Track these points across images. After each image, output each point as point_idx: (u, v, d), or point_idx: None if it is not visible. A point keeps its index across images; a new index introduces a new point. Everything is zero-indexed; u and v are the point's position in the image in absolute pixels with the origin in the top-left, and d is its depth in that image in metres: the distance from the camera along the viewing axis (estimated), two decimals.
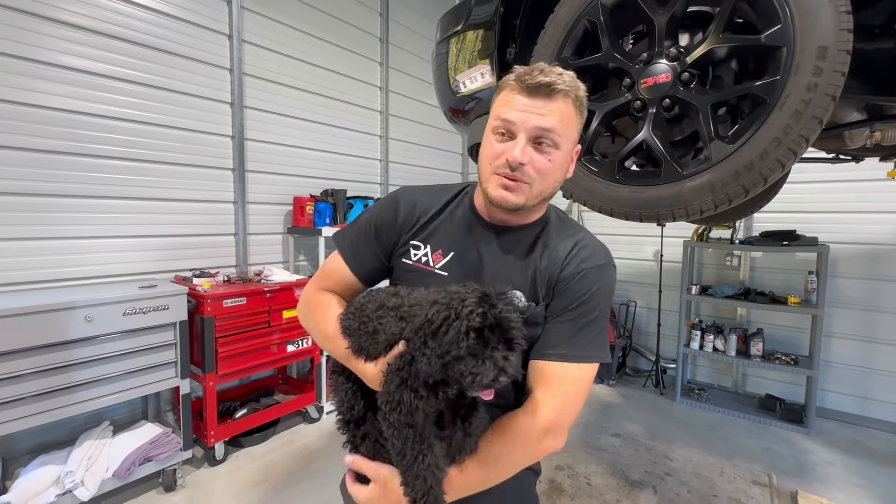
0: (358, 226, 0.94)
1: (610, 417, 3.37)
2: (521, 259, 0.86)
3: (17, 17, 2.17)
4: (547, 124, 0.76)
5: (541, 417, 0.75)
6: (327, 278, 0.95)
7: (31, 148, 2.23)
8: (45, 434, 2.27)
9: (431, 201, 0.93)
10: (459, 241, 0.89)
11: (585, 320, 0.81)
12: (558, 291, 0.83)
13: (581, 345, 0.79)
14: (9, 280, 2.17)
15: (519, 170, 0.77)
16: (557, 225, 0.91)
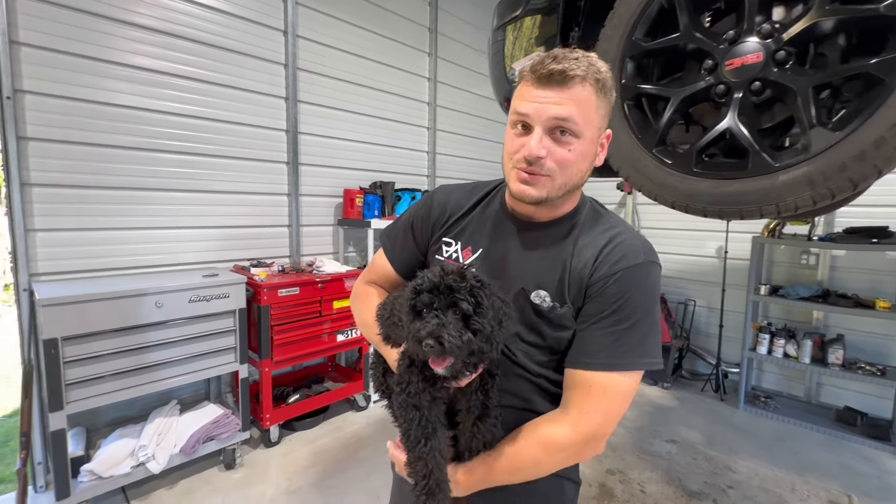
0: (398, 223, 0.99)
1: (665, 422, 3.20)
2: (549, 256, 0.82)
3: (93, 20, 2.31)
4: (563, 113, 0.72)
5: (584, 429, 0.73)
6: (373, 272, 1.01)
7: (109, 144, 2.40)
8: (123, 409, 2.47)
9: (464, 199, 0.93)
10: (488, 237, 0.87)
11: (625, 326, 0.75)
12: (591, 295, 0.77)
13: (623, 352, 0.74)
14: (88, 267, 2.35)
15: (537, 163, 0.74)
16: (592, 218, 0.85)
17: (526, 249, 0.84)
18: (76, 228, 2.31)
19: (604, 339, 0.75)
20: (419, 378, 0.71)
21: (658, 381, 3.81)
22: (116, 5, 2.38)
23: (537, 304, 0.79)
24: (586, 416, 0.73)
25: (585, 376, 0.75)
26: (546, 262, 0.81)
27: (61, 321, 1.86)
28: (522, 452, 0.75)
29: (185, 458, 2.26)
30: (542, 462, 0.75)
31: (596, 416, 0.73)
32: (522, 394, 0.82)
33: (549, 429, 0.75)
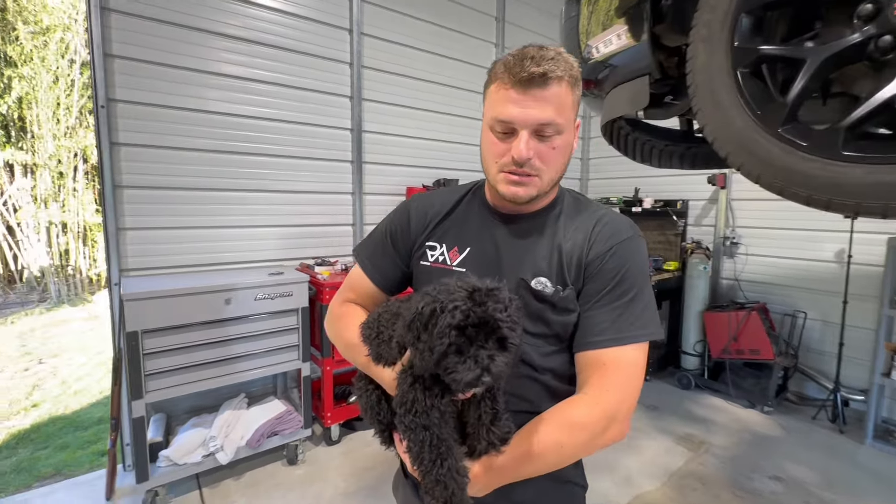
0: (374, 237, 0.96)
1: (766, 454, 2.74)
2: (541, 243, 0.83)
3: (178, 31, 2.46)
4: (546, 117, 0.74)
5: (604, 405, 0.72)
6: (350, 290, 0.96)
7: (190, 147, 2.54)
8: (199, 399, 2.61)
9: (442, 202, 0.93)
10: (474, 235, 0.87)
11: (627, 298, 0.77)
12: (590, 274, 0.79)
13: (629, 324, 0.76)
14: (170, 263, 2.51)
15: (526, 164, 0.76)
16: (574, 205, 0.88)
17: (516, 240, 0.84)
18: (160, 227, 2.47)
19: (609, 316, 0.76)
20: (425, 395, 0.65)
21: (756, 404, 3.31)
22: (201, 15, 2.51)
23: (539, 291, 0.79)
24: (605, 392, 0.73)
25: (597, 355, 0.75)
26: (539, 249, 0.82)
27: (141, 315, 1.98)
28: (543, 436, 0.71)
29: (250, 451, 2.33)
30: (564, 445, 0.71)
31: (613, 391, 0.73)
32: (529, 396, 0.81)
33: (568, 410, 0.73)
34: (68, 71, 7.15)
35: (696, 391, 3.61)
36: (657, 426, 3.06)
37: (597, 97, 1.46)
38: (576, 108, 0.80)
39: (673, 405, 3.39)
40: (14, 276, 7.18)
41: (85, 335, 5.48)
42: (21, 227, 7.01)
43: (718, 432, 2.99)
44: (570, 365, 0.82)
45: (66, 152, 7.02)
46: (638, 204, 4.27)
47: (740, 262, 3.82)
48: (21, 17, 6.44)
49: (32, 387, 3.98)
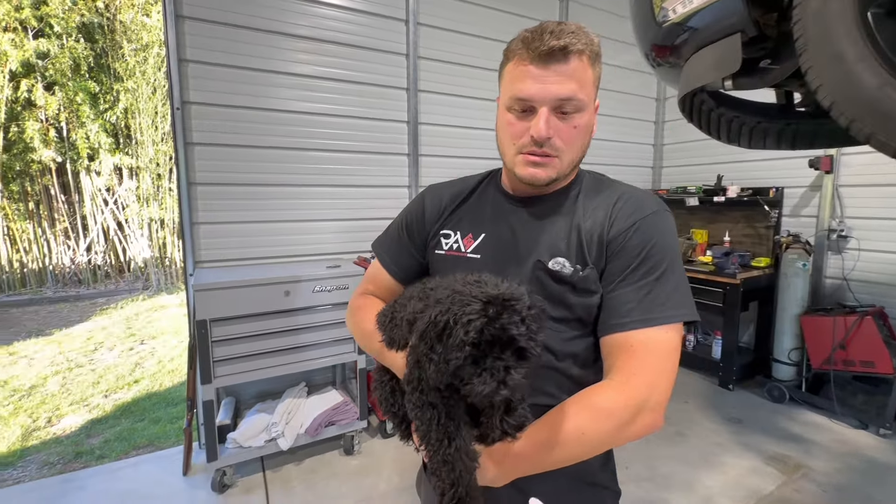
0: (390, 230, 0.97)
1: (882, 485, 2.32)
2: (559, 223, 0.79)
3: (268, 37, 2.59)
4: (567, 92, 0.70)
5: (631, 391, 0.65)
6: (370, 283, 0.96)
7: (257, 145, 2.65)
8: (265, 385, 2.74)
9: (457, 191, 0.91)
10: (489, 221, 0.85)
11: (655, 276, 0.70)
12: (613, 252, 0.73)
13: (659, 304, 0.69)
14: (239, 256, 2.65)
15: (546, 144, 0.72)
16: (594, 184, 0.83)
17: (533, 222, 0.81)
18: (229, 221, 2.61)
19: (635, 295, 0.70)
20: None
21: (869, 424, 2.82)
22: (266, 17, 2.60)
23: (557, 271, 0.74)
24: (632, 377, 0.66)
25: (625, 338, 0.69)
26: (556, 229, 0.78)
27: (210, 305, 2.09)
28: (564, 422, 0.65)
29: (309, 439, 2.39)
30: (587, 432, 0.65)
31: (643, 376, 0.66)
32: (548, 387, 0.75)
33: (592, 395, 0.68)
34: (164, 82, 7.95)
35: (791, 405, 3.17)
36: (741, 442, 2.72)
37: (673, 66, 1.27)
38: (596, 87, 0.76)
39: (761, 419, 2.99)
40: (123, 266, 8.16)
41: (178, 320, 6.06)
42: (128, 224, 7.94)
43: (819, 455, 2.58)
44: (593, 351, 0.77)
45: (162, 156, 7.81)
46: (721, 193, 3.83)
47: (850, 258, 3.27)
48: (125, 36, 7.23)
49: (135, 364, 4.46)
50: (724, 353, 3.50)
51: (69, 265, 7.66)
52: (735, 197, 3.74)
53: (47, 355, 4.63)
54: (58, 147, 7.04)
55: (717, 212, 4.07)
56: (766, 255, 3.63)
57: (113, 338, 5.22)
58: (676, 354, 0.69)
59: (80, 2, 6.83)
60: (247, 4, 2.52)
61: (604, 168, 4.19)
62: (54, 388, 3.87)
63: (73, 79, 6.89)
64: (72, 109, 6.99)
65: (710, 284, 3.44)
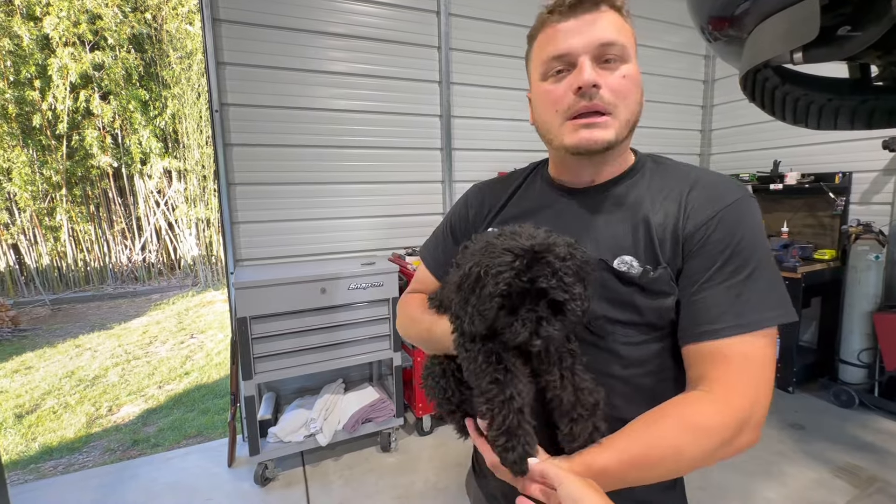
0: (435, 235, 0.93)
1: None
2: (621, 217, 0.70)
3: (301, 36, 2.62)
4: (608, 36, 0.63)
5: (735, 408, 0.58)
6: (416, 285, 0.92)
7: (291, 144, 2.68)
8: (305, 381, 2.79)
9: (502, 189, 0.86)
10: (539, 215, 0.76)
11: (745, 274, 0.62)
12: (692, 250, 0.64)
13: (753, 306, 0.60)
14: (278, 254, 2.70)
15: (596, 96, 0.64)
16: (657, 169, 0.73)
17: (590, 216, 0.72)
18: (267, 220, 2.66)
19: (725, 297, 0.61)
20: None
21: None
22: (316, 18, 2.63)
23: (624, 272, 0.66)
24: (734, 392, 0.59)
25: (717, 346, 0.61)
26: (619, 224, 0.69)
27: (249, 302, 2.13)
28: (659, 438, 0.58)
29: (347, 436, 2.41)
30: (684, 451, 0.57)
31: (744, 391, 0.59)
32: (612, 398, 0.65)
33: (692, 409, 0.59)
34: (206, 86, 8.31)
35: (861, 410, 2.90)
36: (805, 450, 2.51)
37: (734, 40, 1.14)
38: (635, 44, 0.68)
39: (827, 426, 2.75)
40: (175, 264, 8.63)
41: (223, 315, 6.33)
42: (178, 224, 8.38)
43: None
44: (666, 358, 0.69)
45: (207, 158, 8.16)
46: (778, 180, 3.54)
47: None
48: (171, 45, 7.59)
49: (185, 357, 4.70)
50: (784, 353, 3.24)
51: (126, 263, 8.17)
52: (794, 184, 3.44)
53: (108, 348, 4.95)
54: (114, 152, 7.50)
55: (775, 200, 3.76)
56: (831, 246, 3.33)
57: (165, 332, 5.52)
58: (774, 362, 0.62)
59: (131, 15, 7.22)
60: (280, 5, 2.54)
61: None
62: (114, 378, 4.13)
63: (125, 88, 7.31)
64: (125, 117, 7.43)
65: None
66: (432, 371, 0.75)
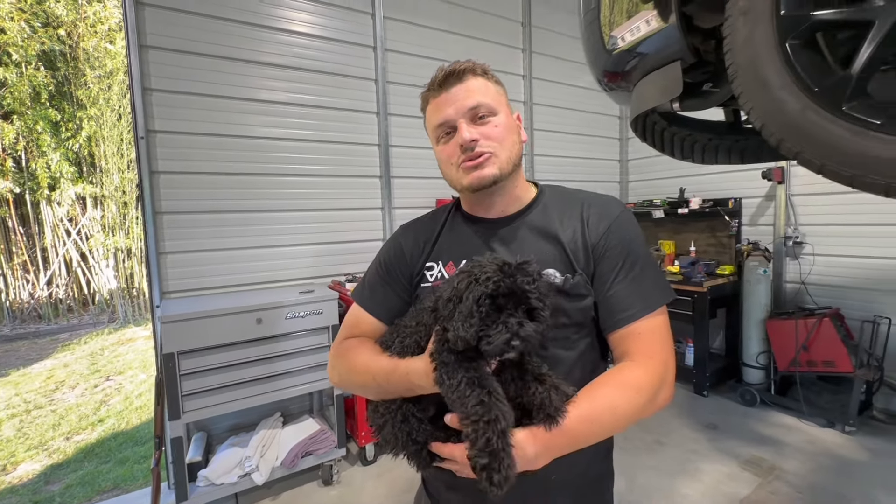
0: (368, 275, 0.97)
1: (850, 480, 2.40)
2: (538, 238, 0.85)
3: (235, 65, 2.61)
4: (473, 101, 0.81)
5: (655, 368, 0.75)
6: (350, 330, 0.93)
7: (223, 172, 2.63)
8: (238, 417, 2.64)
9: (429, 227, 0.96)
10: (467, 246, 0.89)
11: (639, 269, 0.81)
12: (599, 256, 0.82)
13: (650, 292, 0.80)
14: (208, 285, 2.59)
15: (475, 148, 0.81)
16: (555, 195, 0.91)
17: (512, 241, 0.86)
18: (198, 250, 2.56)
19: (630, 290, 0.79)
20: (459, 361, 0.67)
21: (835, 423, 2.93)
22: (252, 48, 2.63)
23: (553, 283, 0.80)
24: (651, 356, 0.76)
25: (633, 327, 0.78)
26: (538, 244, 0.84)
27: (177, 337, 2.03)
28: (599, 398, 0.71)
29: (286, 472, 2.31)
30: (618, 407, 0.71)
31: (659, 354, 0.76)
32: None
33: (623, 373, 0.75)
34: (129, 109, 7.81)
35: (762, 408, 3.26)
36: (718, 448, 2.78)
37: (624, 90, 1.34)
38: (502, 97, 0.86)
39: (735, 424, 3.07)
40: (87, 299, 7.81)
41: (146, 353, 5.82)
42: (92, 254, 7.64)
43: (791, 456, 2.66)
44: (589, 351, 0.84)
45: (129, 183, 7.60)
46: (684, 205, 3.99)
47: (806, 263, 3.44)
48: (88, 63, 7.10)
49: (100, 403, 4.24)
50: (697, 360, 3.59)
51: (28, 300, 7.28)
52: (697, 208, 3.90)
53: (2, 398, 4.35)
54: (15, 177, 6.77)
55: (682, 223, 4.23)
56: (730, 262, 3.78)
57: (76, 375, 4.95)
58: (670, 331, 0.80)
59: (41, 30, 6.69)
60: (211, 34, 2.53)
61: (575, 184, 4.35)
62: (9, 432, 3.63)
63: (32, 107, 6.69)
64: (31, 138, 6.77)
65: (679, 293, 3.55)
66: (391, 418, 0.76)
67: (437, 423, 0.74)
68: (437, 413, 0.75)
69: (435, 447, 0.73)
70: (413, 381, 0.73)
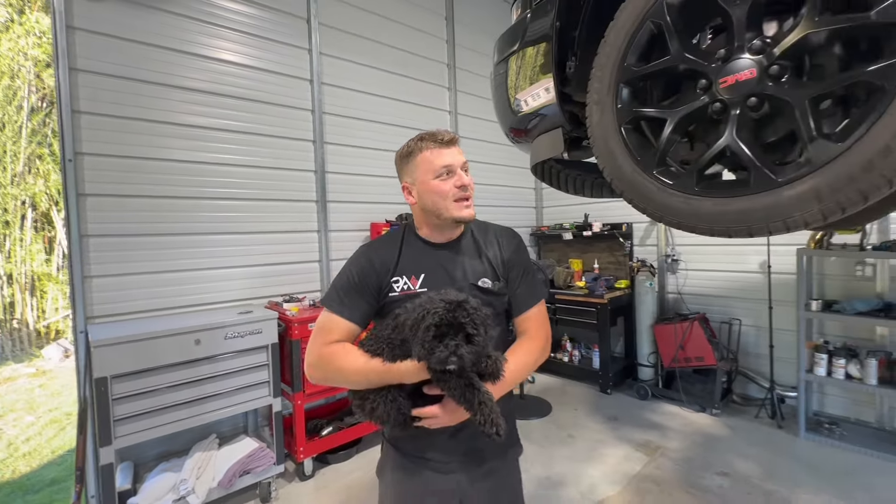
0: (340, 286, 1.17)
1: (715, 452, 2.97)
2: (472, 257, 1.23)
3: (155, 88, 2.62)
4: (464, 159, 1.19)
5: (542, 335, 1.23)
6: (328, 334, 1.12)
7: (156, 195, 2.63)
8: (168, 443, 2.58)
9: (391, 247, 1.22)
10: (424, 263, 1.19)
11: (531, 275, 1.26)
12: (510, 266, 1.23)
13: (538, 290, 1.27)
14: (139, 308, 2.54)
15: (467, 189, 1.16)
16: (476, 227, 1.29)
17: (454, 258, 1.21)
18: (129, 273, 2.52)
19: (528, 289, 1.24)
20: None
21: (706, 408, 3.57)
22: (174, 73, 2.67)
23: (487, 287, 1.19)
24: (540, 329, 1.23)
25: (531, 313, 1.23)
26: (473, 261, 1.22)
27: (110, 360, 2.01)
28: (516, 359, 1.13)
29: (223, 492, 2.33)
30: (527, 364, 1.17)
31: (544, 327, 1.24)
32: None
33: (525, 345, 1.20)
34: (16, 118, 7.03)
35: (653, 400, 3.85)
36: (618, 436, 3.25)
37: (526, 143, 1.71)
38: None
39: (632, 415, 3.60)
40: None
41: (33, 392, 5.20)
42: None
43: (672, 437, 3.21)
44: (502, 332, 1.23)
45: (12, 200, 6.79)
46: (588, 228, 4.62)
47: (681, 276, 4.18)
48: None
49: None
50: (602, 363, 4.14)
51: None
52: (599, 231, 4.54)
53: None
54: None
55: (588, 244, 4.86)
56: (626, 277, 4.44)
57: None
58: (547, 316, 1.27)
59: None
60: (145, 60, 2.57)
61: (498, 209, 4.90)
62: None
63: None
64: None
65: (586, 305, 4.09)
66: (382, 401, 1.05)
67: (413, 398, 1.07)
68: (412, 391, 1.07)
69: (416, 412, 1.06)
70: (405, 378, 1.03)
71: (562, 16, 1.38)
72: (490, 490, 1.21)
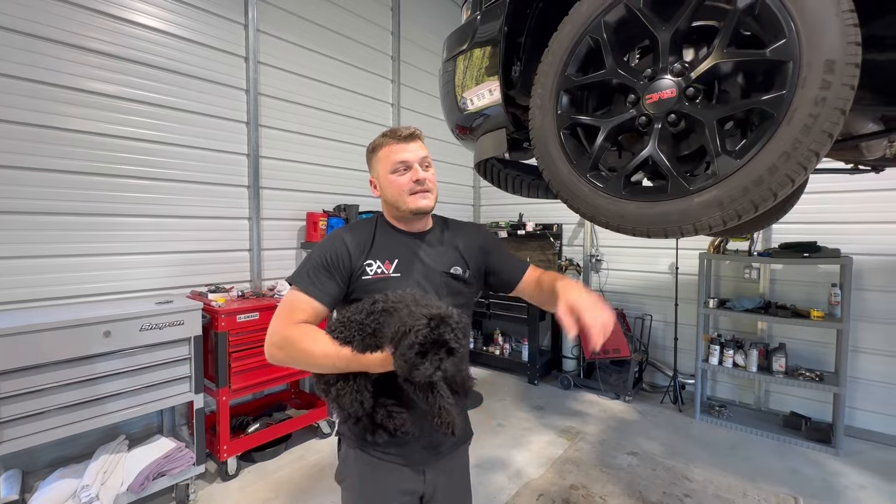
0: (311, 265, 1.15)
1: (626, 435, 3.28)
2: (443, 247, 1.27)
3: (50, 46, 2.29)
4: (423, 154, 1.23)
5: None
6: (294, 313, 1.09)
7: (56, 169, 2.33)
8: (64, 448, 2.31)
9: (365, 232, 1.24)
10: (397, 250, 1.21)
11: (508, 254, 1.38)
12: (487, 251, 1.32)
13: (517, 260, 1.37)
14: (29, 297, 2.25)
15: (424, 184, 1.19)
16: (442, 222, 1.36)
17: (428, 248, 1.26)
18: (24, 256, 2.21)
19: (514, 262, 1.35)
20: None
21: (620, 395, 3.91)
22: (74, 31, 2.36)
23: (458, 275, 1.24)
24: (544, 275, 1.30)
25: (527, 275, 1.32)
26: (446, 251, 1.27)
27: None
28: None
29: (133, 497, 2.13)
30: None
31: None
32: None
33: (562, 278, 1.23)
34: None
35: (575, 390, 4.14)
36: (543, 423, 3.46)
37: (471, 141, 1.77)
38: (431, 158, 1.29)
39: (556, 404, 3.84)
40: None
41: None
42: None
43: (591, 422, 3.48)
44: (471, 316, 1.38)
45: None
46: (522, 228, 4.83)
47: (604, 275, 4.53)
48: None
49: None
50: (530, 356, 4.36)
51: None
52: (532, 231, 4.77)
53: None
54: None
55: (522, 242, 5.09)
56: None
57: None
58: None
59: None
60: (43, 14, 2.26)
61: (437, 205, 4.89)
62: None
63: None
64: None
65: (518, 300, 4.29)
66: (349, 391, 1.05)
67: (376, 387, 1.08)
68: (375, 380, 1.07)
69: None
70: (371, 368, 1.02)
71: (510, 21, 1.44)
72: (449, 477, 1.26)
